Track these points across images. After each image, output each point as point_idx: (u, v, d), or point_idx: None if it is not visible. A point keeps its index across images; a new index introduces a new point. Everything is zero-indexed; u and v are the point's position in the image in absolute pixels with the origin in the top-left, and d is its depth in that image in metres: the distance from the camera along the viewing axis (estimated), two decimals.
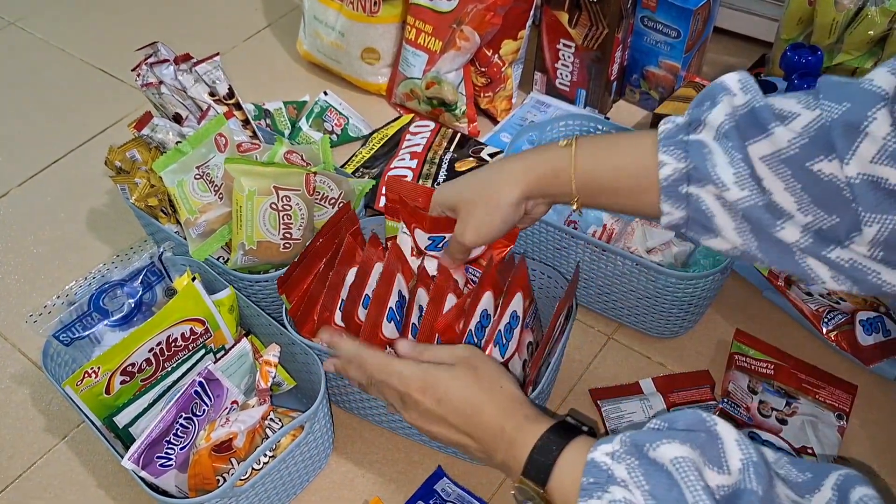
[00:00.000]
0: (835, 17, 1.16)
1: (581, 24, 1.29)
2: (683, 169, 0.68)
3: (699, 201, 0.68)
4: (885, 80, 0.59)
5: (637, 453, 0.57)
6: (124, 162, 1.08)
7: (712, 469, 0.54)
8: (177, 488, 0.84)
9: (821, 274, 0.65)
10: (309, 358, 0.89)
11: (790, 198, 0.63)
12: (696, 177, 0.67)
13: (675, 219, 0.71)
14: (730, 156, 0.65)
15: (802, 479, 0.56)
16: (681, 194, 0.69)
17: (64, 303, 0.94)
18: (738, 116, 0.65)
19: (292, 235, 0.98)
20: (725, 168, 0.65)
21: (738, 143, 0.65)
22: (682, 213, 0.70)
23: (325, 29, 1.43)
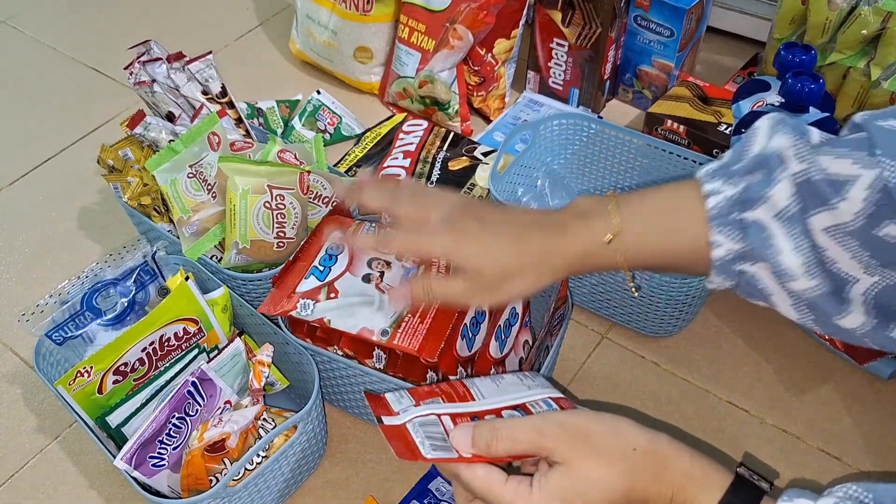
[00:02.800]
0: (828, 16, 1.16)
1: (574, 23, 1.29)
2: (739, 250, 0.64)
3: (755, 279, 0.65)
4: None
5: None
6: (117, 160, 1.07)
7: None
8: (169, 488, 0.84)
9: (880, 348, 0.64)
10: (302, 358, 0.89)
11: (857, 265, 0.61)
12: (754, 257, 0.64)
13: (724, 286, 0.68)
14: (796, 242, 0.62)
15: None
16: (734, 271, 0.66)
17: (56, 302, 0.94)
18: (800, 192, 0.61)
19: (286, 234, 0.98)
20: (792, 256, 0.62)
21: (803, 226, 0.61)
22: (733, 283, 0.67)
23: (318, 28, 1.43)
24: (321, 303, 0.86)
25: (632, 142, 1.11)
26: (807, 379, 1.02)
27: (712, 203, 0.65)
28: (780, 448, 0.95)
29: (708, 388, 1.01)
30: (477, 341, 0.85)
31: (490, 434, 0.63)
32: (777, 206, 0.62)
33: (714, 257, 0.65)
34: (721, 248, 0.65)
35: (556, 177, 1.18)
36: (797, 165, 0.62)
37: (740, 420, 0.98)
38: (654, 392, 1.01)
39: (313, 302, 0.86)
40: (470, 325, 0.85)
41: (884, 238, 0.59)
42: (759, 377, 1.02)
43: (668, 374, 1.03)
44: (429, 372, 0.86)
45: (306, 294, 0.87)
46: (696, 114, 1.24)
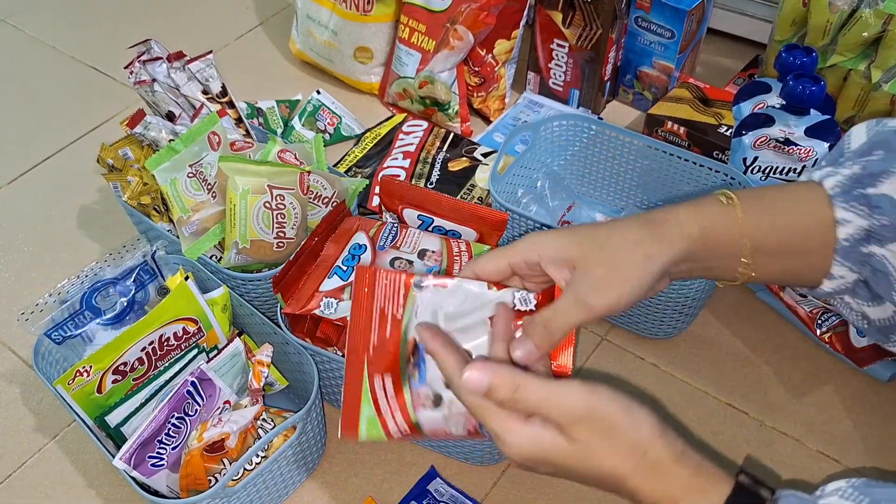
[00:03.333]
0: (829, 18, 1.16)
1: (575, 24, 1.29)
2: (867, 227, 0.61)
3: (884, 262, 0.61)
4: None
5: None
6: (116, 160, 1.07)
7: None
8: (168, 488, 0.84)
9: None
10: (302, 358, 0.89)
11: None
12: (883, 235, 0.60)
13: (845, 283, 0.64)
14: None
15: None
16: (861, 254, 0.62)
17: (56, 301, 0.94)
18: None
19: (286, 234, 0.98)
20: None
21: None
22: (854, 277, 0.63)
23: (318, 28, 1.43)
24: (344, 302, 0.86)
25: (632, 143, 1.11)
26: (807, 381, 1.02)
27: (830, 182, 0.62)
28: (779, 450, 0.95)
29: (708, 390, 1.01)
30: None
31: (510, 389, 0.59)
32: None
33: (841, 236, 0.61)
34: (849, 226, 0.61)
35: (556, 178, 1.18)
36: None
37: (740, 422, 0.98)
38: (654, 394, 1.01)
39: (336, 301, 0.86)
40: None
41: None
42: (758, 379, 1.02)
43: (668, 375, 1.03)
44: None
45: (330, 293, 0.87)
46: (697, 115, 1.24)
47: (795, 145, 0.96)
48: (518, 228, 1.05)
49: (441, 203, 0.95)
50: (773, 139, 0.97)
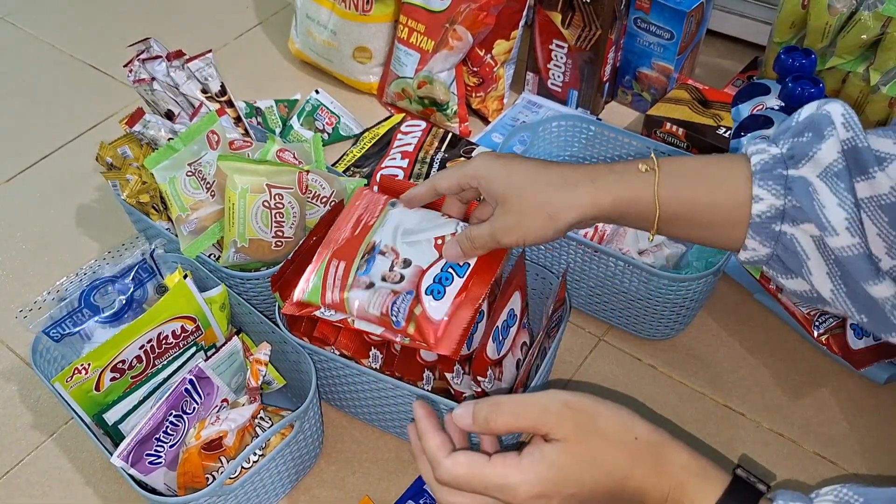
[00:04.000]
0: (828, 20, 1.17)
1: (574, 25, 1.29)
2: (780, 206, 0.64)
3: (793, 240, 0.64)
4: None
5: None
6: (115, 158, 1.07)
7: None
8: (166, 486, 0.84)
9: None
10: (300, 357, 0.89)
11: (881, 243, 0.61)
12: (795, 216, 0.63)
13: (758, 255, 0.67)
14: (840, 198, 0.61)
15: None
16: (773, 232, 0.65)
17: (54, 299, 0.94)
18: (846, 154, 0.62)
19: (284, 234, 0.98)
20: (835, 211, 0.61)
21: (849, 184, 0.61)
22: (768, 251, 0.66)
23: (318, 27, 1.43)
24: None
25: (630, 144, 1.11)
26: (803, 383, 1.02)
27: (756, 159, 0.65)
28: (776, 452, 0.95)
29: (705, 391, 1.02)
30: (475, 341, 0.85)
31: (490, 409, 0.61)
32: (823, 164, 0.62)
33: (754, 212, 0.64)
34: (763, 203, 0.64)
35: None
36: (845, 132, 0.62)
37: (737, 424, 0.98)
38: (651, 395, 1.01)
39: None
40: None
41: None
42: (756, 381, 1.02)
43: (665, 377, 1.03)
44: (425, 371, 0.86)
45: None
46: (696, 116, 1.24)
47: None
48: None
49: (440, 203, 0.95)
50: None
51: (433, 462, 0.63)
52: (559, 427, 0.59)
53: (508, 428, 0.61)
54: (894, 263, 0.62)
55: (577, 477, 0.59)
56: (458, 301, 0.79)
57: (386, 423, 0.96)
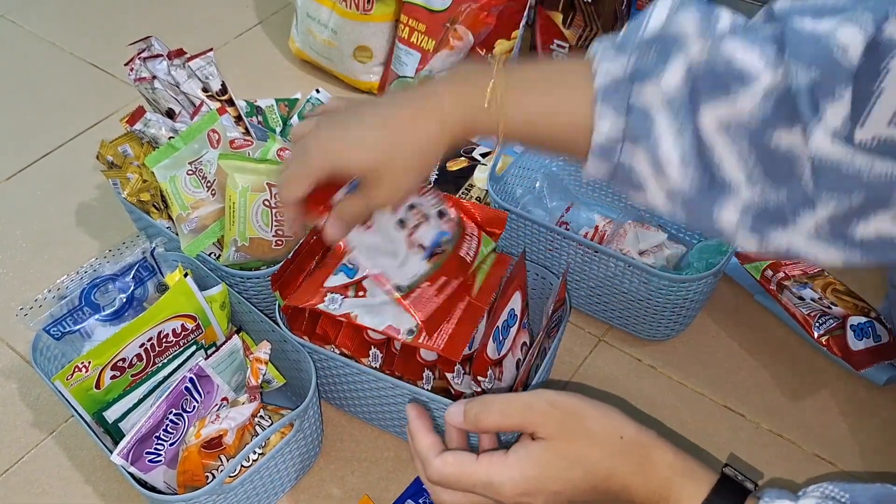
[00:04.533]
0: None
1: (575, 25, 1.29)
2: (619, 131, 0.61)
3: (631, 168, 0.62)
4: (851, 42, 0.53)
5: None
6: (116, 157, 1.07)
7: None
8: (166, 484, 0.84)
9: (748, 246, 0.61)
10: (300, 356, 0.89)
11: (741, 169, 0.58)
12: (633, 140, 0.61)
13: (601, 174, 0.64)
14: (678, 128, 0.59)
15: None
16: (612, 158, 0.62)
17: (55, 297, 0.94)
18: (694, 75, 0.58)
19: (284, 233, 0.98)
20: (671, 145, 0.59)
21: (690, 115, 0.58)
22: (609, 170, 0.64)
23: (318, 26, 1.43)
24: (349, 298, 0.86)
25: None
26: (803, 385, 1.02)
27: (599, 81, 0.62)
28: (775, 453, 0.96)
29: (704, 392, 1.02)
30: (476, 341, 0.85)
31: (480, 407, 0.63)
32: (666, 90, 0.59)
33: (594, 139, 0.62)
34: (602, 130, 0.61)
35: (554, 178, 1.18)
36: (698, 53, 0.59)
37: (736, 425, 0.98)
38: (650, 395, 1.01)
39: (341, 297, 0.86)
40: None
41: (773, 147, 0.57)
42: (755, 382, 1.02)
43: (665, 377, 1.03)
44: (425, 370, 0.86)
45: (335, 289, 0.87)
46: None
47: None
48: (517, 229, 1.05)
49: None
50: None
51: (424, 462, 0.64)
52: (544, 426, 0.60)
53: (497, 426, 0.62)
54: (751, 196, 0.59)
55: (560, 474, 0.60)
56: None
57: (385, 422, 0.96)
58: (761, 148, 0.57)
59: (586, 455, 0.60)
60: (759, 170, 0.58)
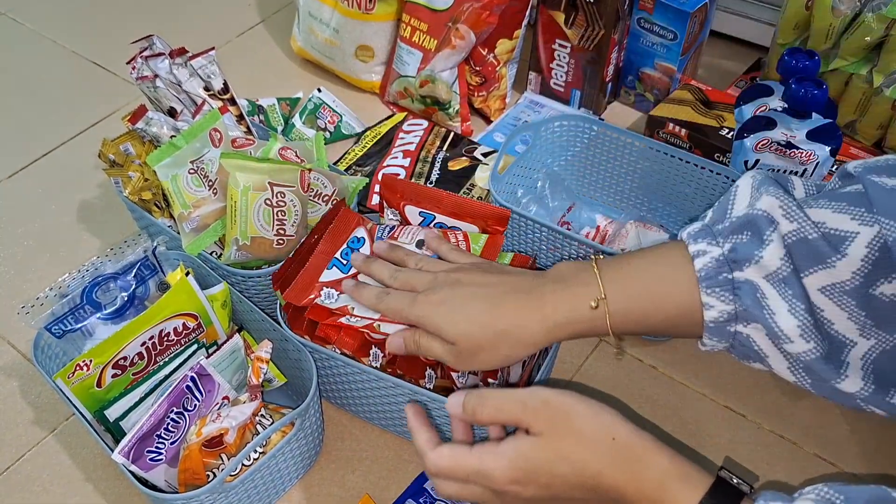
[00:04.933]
0: (831, 22, 1.17)
1: (577, 25, 1.29)
2: (732, 311, 0.64)
3: (750, 340, 0.65)
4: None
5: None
6: (118, 155, 1.07)
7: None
8: (166, 483, 0.84)
9: (880, 413, 0.64)
10: (301, 355, 0.89)
11: (853, 325, 0.61)
12: (747, 318, 0.64)
13: (719, 348, 0.68)
14: (790, 304, 0.61)
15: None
16: (728, 332, 0.66)
17: (56, 295, 0.94)
18: (792, 252, 0.61)
19: (286, 232, 0.98)
20: (787, 318, 0.61)
21: (798, 288, 0.61)
22: (727, 345, 0.68)
23: (320, 25, 1.43)
24: (344, 294, 0.87)
25: (633, 144, 1.11)
26: None
27: (700, 264, 0.65)
28: (776, 454, 0.96)
29: (705, 392, 1.02)
30: None
31: (477, 400, 0.66)
32: (769, 268, 0.62)
33: (707, 319, 0.65)
34: (713, 310, 0.65)
35: (556, 178, 1.18)
36: (788, 225, 0.61)
37: (737, 425, 0.98)
38: (651, 396, 1.01)
39: (337, 292, 0.87)
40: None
41: (879, 297, 0.59)
42: (756, 382, 1.02)
43: (666, 377, 1.03)
44: (427, 369, 0.86)
45: (330, 284, 0.88)
46: (698, 117, 1.24)
47: (797, 148, 0.96)
48: (518, 229, 1.05)
49: (442, 200, 0.95)
50: (775, 142, 0.98)
51: (422, 456, 0.67)
52: (535, 423, 0.63)
53: (492, 420, 0.65)
54: (870, 345, 0.61)
55: (548, 469, 0.62)
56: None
57: (387, 421, 0.96)
58: (868, 302, 0.60)
59: (573, 453, 0.62)
60: (871, 322, 0.61)
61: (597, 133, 1.14)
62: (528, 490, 0.63)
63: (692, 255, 0.66)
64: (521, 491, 0.63)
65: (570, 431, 0.62)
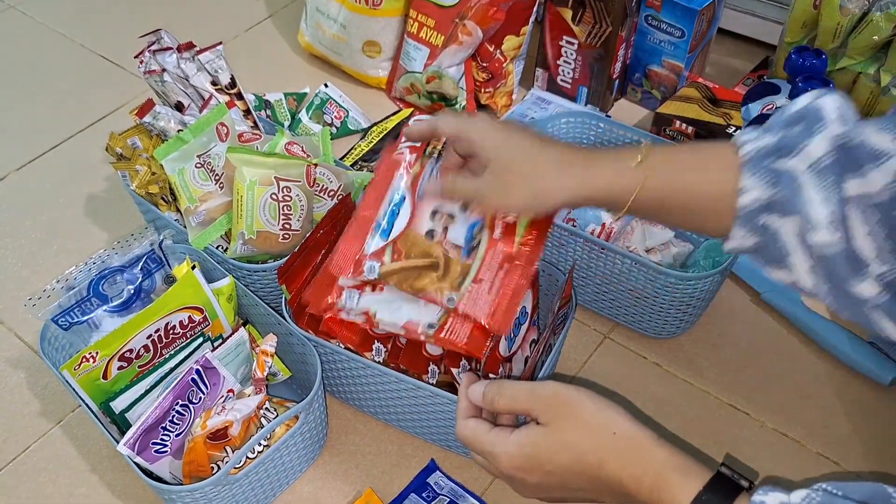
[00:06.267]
0: (839, 21, 1.16)
1: (584, 22, 1.29)
2: (767, 198, 0.64)
3: (777, 234, 0.64)
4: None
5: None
6: (125, 149, 1.08)
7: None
8: (171, 475, 0.84)
9: (889, 331, 0.63)
10: (305, 349, 0.89)
11: (871, 244, 0.61)
12: (781, 209, 0.63)
13: (745, 246, 0.68)
14: (826, 193, 0.61)
15: None
16: (758, 224, 0.65)
17: (63, 287, 0.94)
18: (837, 151, 0.61)
19: (291, 226, 0.98)
20: (820, 206, 0.61)
21: (837, 180, 0.61)
22: (753, 242, 0.67)
23: (327, 21, 1.43)
24: (367, 294, 0.83)
25: (640, 142, 1.11)
26: (808, 384, 1.02)
27: (747, 149, 0.65)
28: (780, 452, 0.96)
29: (709, 390, 1.02)
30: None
31: (495, 391, 0.70)
32: (812, 157, 0.62)
33: (741, 204, 0.65)
34: (750, 194, 0.64)
35: None
36: (839, 127, 0.62)
37: (741, 423, 0.98)
38: (655, 393, 1.01)
39: (358, 293, 0.83)
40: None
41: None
42: (760, 381, 1.02)
43: (670, 375, 1.03)
44: (430, 364, 0.86)
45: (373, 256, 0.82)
46: (705, 115, 1.24)
47: None
48: None
49: None
50: None
51: (456, 420, 0.73)
52: (544, 413, 0.66)
53: (507, 409, 0.69)
54: (883, 270, 0.61)
55: (551, 457, 0.65)
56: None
57: (390, 415, 0.96)
58: (892, 222, 0.60)
59: (575, 442, 0.64)
60: (891, 244, 0.60)
61: (603, 130, 1.14)
62: (533, 477, 0.66)
63: (740, 143, 0.66)
64: (526, 477, 0.67)
65: (573, 422, 0.65)
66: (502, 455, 0.67)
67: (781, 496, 0.56)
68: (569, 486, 0.66)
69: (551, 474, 0.66)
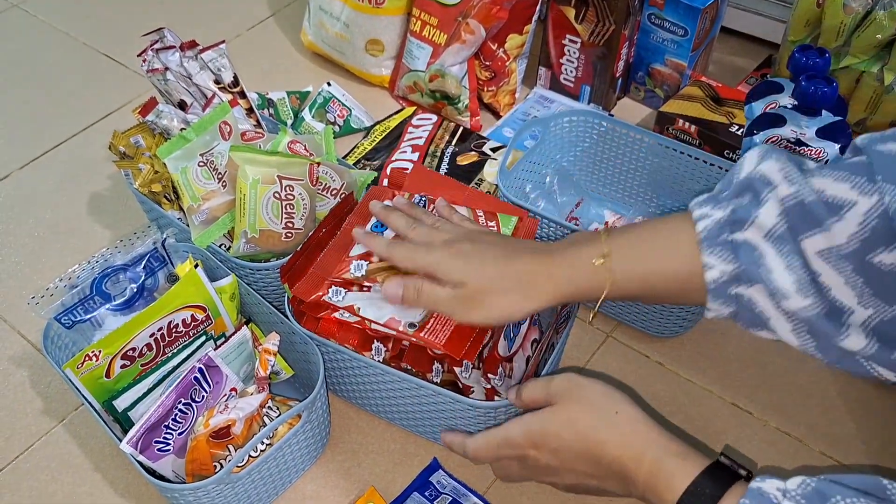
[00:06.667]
0: (842, 19, 1.16)
1: (587, 20, 1.29)
2: (732, 271, 0.65)
3: (752, 303, 0.65)
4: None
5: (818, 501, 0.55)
6: (128, 147, 1.08)
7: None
8: (174, 473, 0.84)
9: (888, 376, 0.64)
10: (308, 348, 0.89)
11: (850, 292, 0.61)
12: (748, 279, 0.64)
13: (723, 314, 0.69)
14: (787, 260, 0.62)
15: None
16: (730, 295, 0.66)
17: (66, 286, 0.94)
18: (789, 213, 0.62)
19: (294, 225, 0.98)
20: (783, 274, 0.62)
21: (794, 245, 0.62)
22: (730, 311, 0.68)
23: (330, 19, 1.43)
24: (353, 292, 0.86)
25: (642, 140, 1.11)
26: (811, 383, 1.02)
27: (701, 226, 0.66)
28: (782, 451, 0.96)
29: (712, 389, 1.02)
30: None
31: (526, 386, 0.76)
32: (765, 226, 0.63)
33: (708, 280, 0.66)
34: (714, 270, 0.65)
35: (565, 174, 1.18)
36: (787, 188, 0.62)
37: (744, 422, 0.98)
38: (658, 392, 1.01)
39: (345, 290, 0.87)
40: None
41: (878, 265, 0.59)
42: (763, 380, 1.02)
43: (673, 374, 1.03)
44: (434, 363, 0.86)
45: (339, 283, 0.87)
46: (708, 114, 1.24)
47: (807, 146, 0.96)
48: None
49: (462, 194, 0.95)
50: (785, 139, 0.97)
51: (466, 452, 0.80)
52: (555, 396, 0.73)
53: (532, 401, 0.75)
54: (868, 314, 0.61)
55: (558, 432, 0.70)
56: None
57: (393, 414, 0.96)
58: (866, 270, 0.60)
59: (578, 418, 0.70)
60: (869, 290, 0.60)
61: (606, 129, 1.13)
62: (543, 456, 0.71)
63: (695, 220, 0.68)
64: (538, 456, 0.72)
65: (578, 401, 0.71)
66: (517, 433, 0.73)
67: (778, 482, 0.57)
68: (576, 469, 0.70)
69: (556, 453, 0.70)
